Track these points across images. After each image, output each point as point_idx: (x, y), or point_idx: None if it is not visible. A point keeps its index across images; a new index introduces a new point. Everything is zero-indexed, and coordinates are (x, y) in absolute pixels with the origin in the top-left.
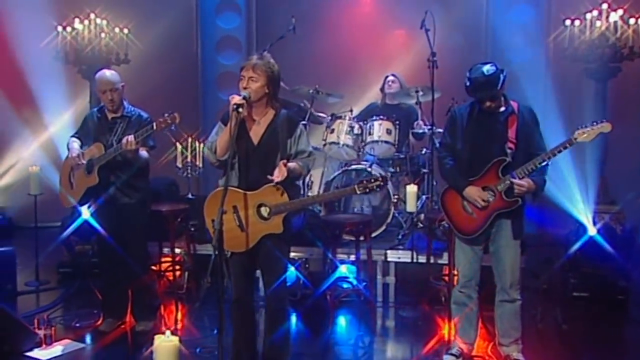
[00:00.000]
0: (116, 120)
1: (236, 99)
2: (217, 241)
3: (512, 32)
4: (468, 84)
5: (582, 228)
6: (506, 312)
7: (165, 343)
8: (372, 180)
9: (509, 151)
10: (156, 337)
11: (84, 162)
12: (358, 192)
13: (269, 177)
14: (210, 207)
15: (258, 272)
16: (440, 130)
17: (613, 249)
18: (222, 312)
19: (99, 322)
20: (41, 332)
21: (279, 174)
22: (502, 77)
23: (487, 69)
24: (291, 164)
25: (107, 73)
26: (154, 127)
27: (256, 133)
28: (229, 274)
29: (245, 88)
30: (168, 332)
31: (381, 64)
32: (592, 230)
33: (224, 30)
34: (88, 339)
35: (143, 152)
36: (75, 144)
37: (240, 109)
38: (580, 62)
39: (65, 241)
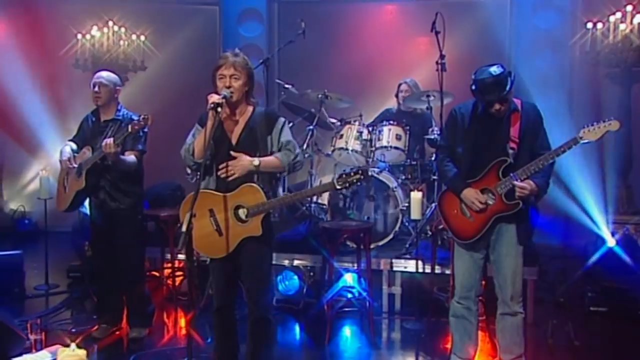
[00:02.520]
0: (108, 122)
1: (214, 98)
2: (184, 247)
3: (537, 37)
4: (474, 87)
5: (600, 239)
6: (507, 326)
7: (69, 358)
8: (352, 174)
9: (510, 151)
10: (60, 350)
11: (75, 165)
12: (338, 186)
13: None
14: (185, 211)
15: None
16: None
17: (634, 261)
18: (190, 323)
19: (95, 328)
20: (32, 337)
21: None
22: (510, 79)
23: (494, 69)
24: (264, 158)
25: (104, 72)
26: (129, 129)
27: (235, 133)
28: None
29: (228, 87)
30: (73, 345)
31: (402, 70)
32: (611, 242)
33: (245, 39)
34: (80, 344)
35: (130, 157)
36: (67, 147)
37: (219, 109)
38: (603, 67)
39: (76, 245)
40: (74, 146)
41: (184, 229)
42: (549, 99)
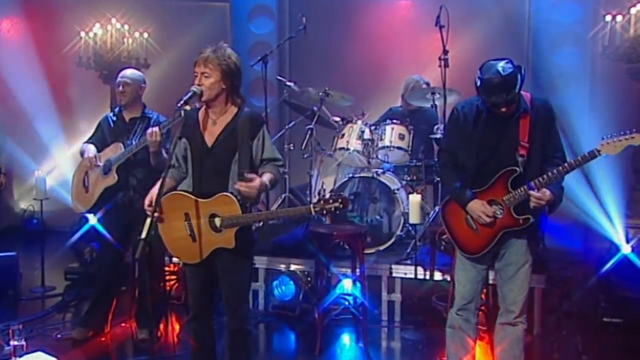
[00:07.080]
0: (135, 120)
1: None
2: (141, 254)
3: (556, 31)
4: (479, 84)
5: (615, 246)
6: (507, 338)
7: None
8: (331, 201)
9: (520, 159)
10: None
11: (101, 163)
12: (313, 212)
13: (238, 181)
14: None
15: None
16: None
17: None
18: (151, 335)
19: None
20: (13, 343)
21: (245, 185)
22: (519, 77)
23: (503, 66)
24: (266, 177)
25: (128, 69)
26: (181, 114)
27: (212, 134)
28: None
29: (199, 85)
30: None
31: (417, 68)
32: (625, 248)
33: (256, 36)
34: (63, 351)
35: (163, 153)
36: (91, 146)
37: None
38: (623, 62)
39: (74, 247)
40: (94, 147)
41: (143, 235)
42: (568, 96)
